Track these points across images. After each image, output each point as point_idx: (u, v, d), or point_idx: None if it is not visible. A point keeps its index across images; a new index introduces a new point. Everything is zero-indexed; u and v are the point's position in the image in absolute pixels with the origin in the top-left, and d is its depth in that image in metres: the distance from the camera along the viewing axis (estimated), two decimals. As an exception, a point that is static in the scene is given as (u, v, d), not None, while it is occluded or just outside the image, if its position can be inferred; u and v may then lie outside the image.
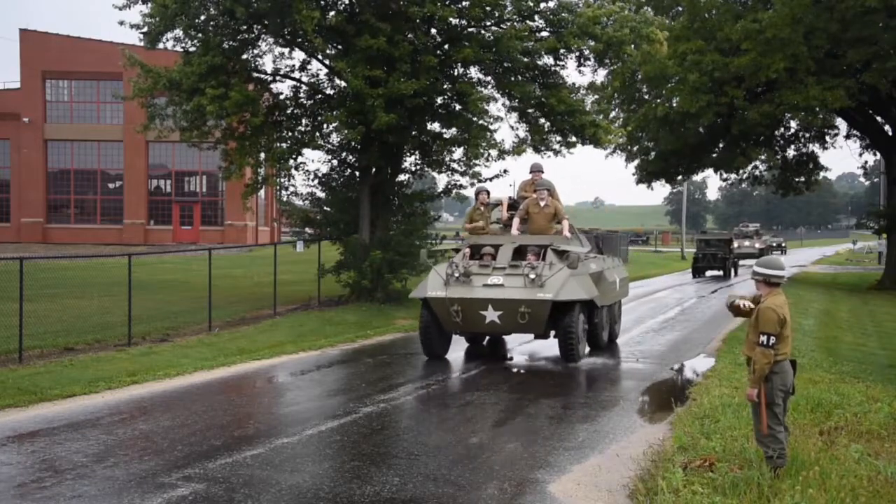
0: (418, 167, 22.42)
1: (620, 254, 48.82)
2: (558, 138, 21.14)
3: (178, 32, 19.43)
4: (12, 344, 11.93)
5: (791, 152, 38.24)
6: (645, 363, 12.80)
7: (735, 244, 42.31)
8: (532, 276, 11.79)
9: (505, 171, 22.72)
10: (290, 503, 5.97)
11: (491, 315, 11.89)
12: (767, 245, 53.04)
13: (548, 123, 20.79)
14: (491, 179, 21.68)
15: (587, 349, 13.19)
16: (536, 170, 14.18)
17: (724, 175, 40.04)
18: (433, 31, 19.85)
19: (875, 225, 35.89)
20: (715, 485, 6.07)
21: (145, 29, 19.31)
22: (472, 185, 21.94)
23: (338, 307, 19.15)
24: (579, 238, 13.89)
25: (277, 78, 21.23)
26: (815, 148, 38.00)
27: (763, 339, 6.13)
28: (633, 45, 19.30)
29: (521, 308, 11.72)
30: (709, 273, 38.11)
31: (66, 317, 15.40)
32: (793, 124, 35.85)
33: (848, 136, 37.93)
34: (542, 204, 13.33)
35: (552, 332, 12.51)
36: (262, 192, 35.98)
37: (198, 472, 6.63)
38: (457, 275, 12.07)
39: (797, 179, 39.27)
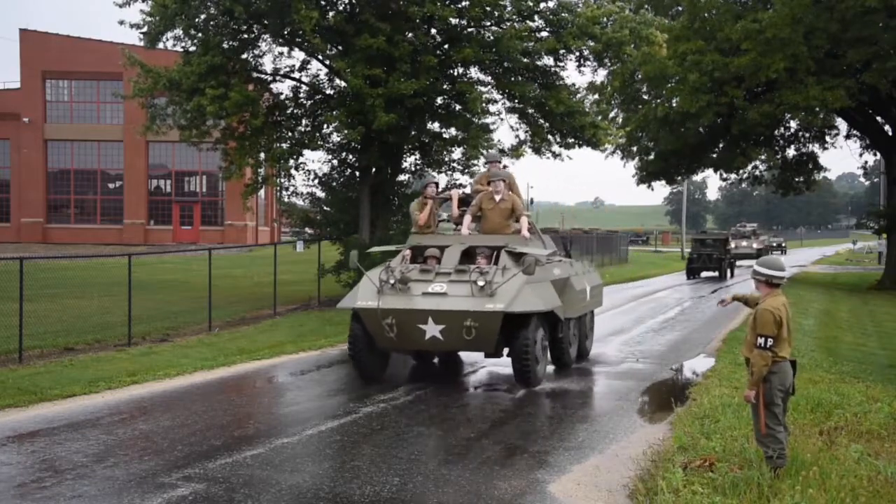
0: (418, 167, 22.43)
1: (620, 253, 48.99)
2: (558, 139, 21.16)
3: (178, 32, 19.46)
4: (12, 344, 11.93)
5: (791, 152, 38.26)
6: (645, 363, 12.80)
7: (732, 244, 41.87)
8: (481, 282, 9.94)
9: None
10: (290, 503, 5.97)
11: (432, 330, 9.97)
12: (766, 245, 52.11)
13: (547, 124, 20.81)
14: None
15: (548, 369, 11.24)
16: (493, 160, 12.45)
17: (724, 175, 40.04)
18: (433, 31, 19.86)
19: (875, 225, 35.91)
20: (715, 485, 6.07)
21: (145, 28, 19.33)
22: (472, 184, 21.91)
23: (338, 307, 19.12)
24: (541, 238, 12.15)
25: (277, 78, 21.25)
26: (815, 148, 38.04)
27: (760, 340, 6.13)
28: (632, 46, 19.31)
29: (466, 321, 9.77)
30: (704, 274, 36.94)
31: (66, 317, 15.40)
32: (793, 124, 35.87)
33: (848, 136, 37.97)
34: (497, 198, 11.36)
35: (506, 350, 10.64)
36: (262, 192, 36.01)
37: (198, 472, 6.63)
38: (392, 281, 10.20)
39: (797, 179, 39.28)
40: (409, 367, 12.23)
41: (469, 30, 19.51)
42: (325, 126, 20.84)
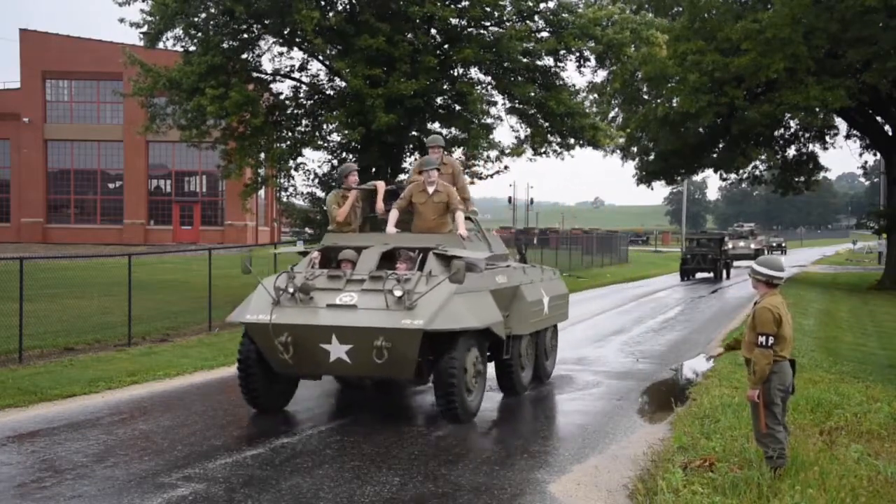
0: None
1: (620, 253, 48.96)
2: (558, 139, 21.18)
3: (178, 32, 19.47)
4: (12, 344, 11.93)
5: (791, 152, 38.27)
6: (645, 363, 12.79)
7: (729, 245, 41.51)
8: (398, 292, 7.99)
9: (506, 168, 22.64)
10: (290, 503, 5.97)
11: (336, 350, 8.05)
12: (763, 246, 51.15)
13: (547, 125, 20.82)
14: (491, 176, 21.71)
15: (479, 399, 8.72)
16: (433, 144, 10.23)
17: (724, 175, 40.04)
18: (433, 31, 19.86)
19: (875, 225, 35.93)
20: (715, 485, 6.07)
21: (145, 28, 19.34)
22: (472, 184, 21.90)
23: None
24: (486, 239, 10.28)
25: (277, 78, 21.26)
26: (815, 148, 38.05)
27: (761, 339, 6.13)
28: (633, 47, 19.32)
29: (377, 341, 7.80)
30: (699, 275, 35.41)
31: (66, 317, 15.40)
32: (793, 124, 35.87)
33: (848, 136, 37.97)
34: (430, 190, 9.53)
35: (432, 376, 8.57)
36: (261, 192, 36.01)
37: (198, 472, 6.63)
38: (291, 290, 8.31)
39: (797, 179, 39.28)
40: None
41: (469, 30, 19.52)
42: (324, 126, 20.85)
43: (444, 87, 19.77)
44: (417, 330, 7.85)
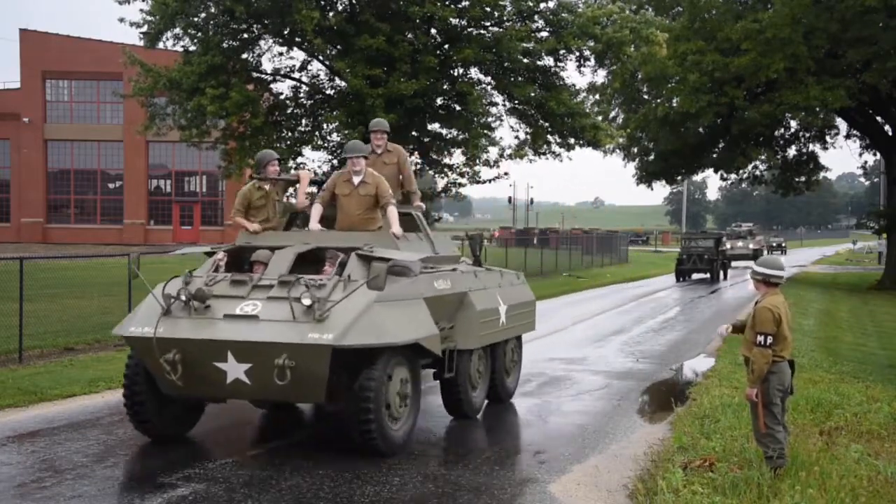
0: (418, 167, 22.46)
1: (620, 253, 48.95)
2: (558, 140, 21.20)
3: (178, 31, 19.49)
4: (12, 344, 11.93)
5: (791, 152, 38.27)
6: (645, 363, 12.79)
7: (728, 245, 41.20)
8: (306, 300, 6.64)
9: (505, 174, 22.75)
10: (290, 503, 5.97)
11: (234, 370, 6.74)
12: (762, 246, 50.31)
13: (547, 125, 20.84)
14: (490, 181, 21.75)
15: (407, 427, 7.29)
16: (375, 128, 9.01)
17: (724, 175, 40.04)
18: (433, 31, 19.88)
19: (875, 225, 35.95)
20: (715, 485, 6.08)
21: (145, 28, 19.36)
22: (473, 182, 21.91)
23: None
24: (428, 238, 8.78)
25: (277, 78, 21.27)
26: (815, 148, 38.07)
27: (760, 338, 6.14)
28: (632, 47, 19.33)
29: (279, 359, 6.48)
30: (695, 276, 34.16)
31: (66, 317, 15.38)
32: (793, 124, 35.89)
33: (848, 136, 37.99)
34: (356, 181, 8.12)
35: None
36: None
37: (198, 472, 6.63)
38: (185, 298, 6.95)
39: (797, 179, 39.28)
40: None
41: (469, 30, 19.53)
42: (324, 126, 20.87)
43: (445, 87, 19.80)
44: (326, 346, 6.48)
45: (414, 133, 20.45)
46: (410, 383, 7.34)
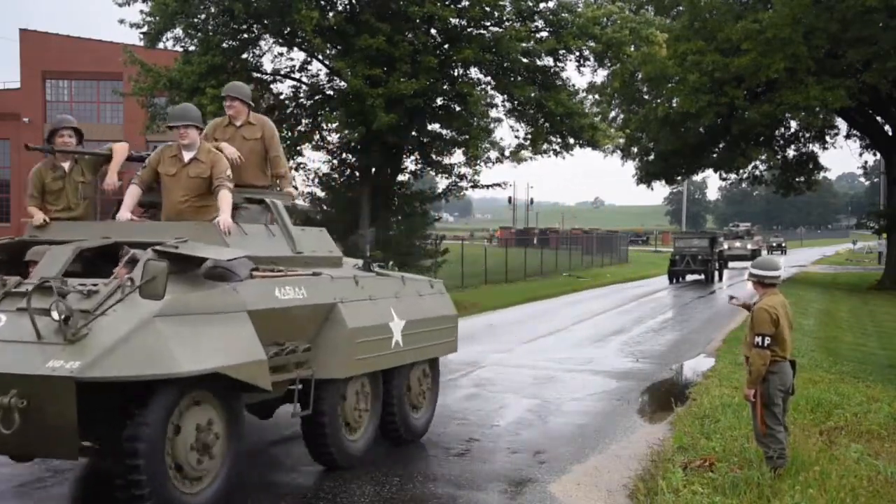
0: (419, 167, 22.49)
1: (620, 253, 48.96)
2: (558, 140, 21.22)
3: (178, 32, 19.51)
4: (12, 344, 11.90)
5: (791, 152, 38.28)
6: (645, 363, 12.80)
7: (725, 245, 40.77)
8: (56, 314, 4.78)
9: (504, 183, 22.85)
10: (291, 503, 5.97)
11: None
12: (760, 246, 49.47)
13: (547, 125, 20.86)
14: (489, 187, 21.83)
15: (212, 491, 5.45)
16: (230, 93, 7.23)
17: (724, 175, 40.05)
18: (433, 31, 19.90)
19: (875, 225, 35.96)
20: (715, 485, 6.08)
21: (145, 28, 19.38)
22: (472, 187, 21.93)
23: None
24: (288, 232, 6.70)
25: (277, 78, 21.28)
26: (815, 148, 38.07)
27: (758, 339, 6.15)
28: (632, 47, 19.35)
29: (8, 397, 4.63)
30: (689, 277, 32.92)
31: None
32: (793, 124, 35.90)
33: (848, 136, 38.00)
34: (185, 158, 6.39)
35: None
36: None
37: (198, 472, 6.62)
38: None
39: (797, 179, 39.29)
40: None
41: (469, 30, 19.55)
42: (324, 126, 20.88)
43: (445, 87, 19.80)
44: (66, 378, 4.59)
45: (414, 133, 20.45)
46: (221, 429, 5.39)
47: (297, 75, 21.15)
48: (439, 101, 20.35)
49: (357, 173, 21.27)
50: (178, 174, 6.39)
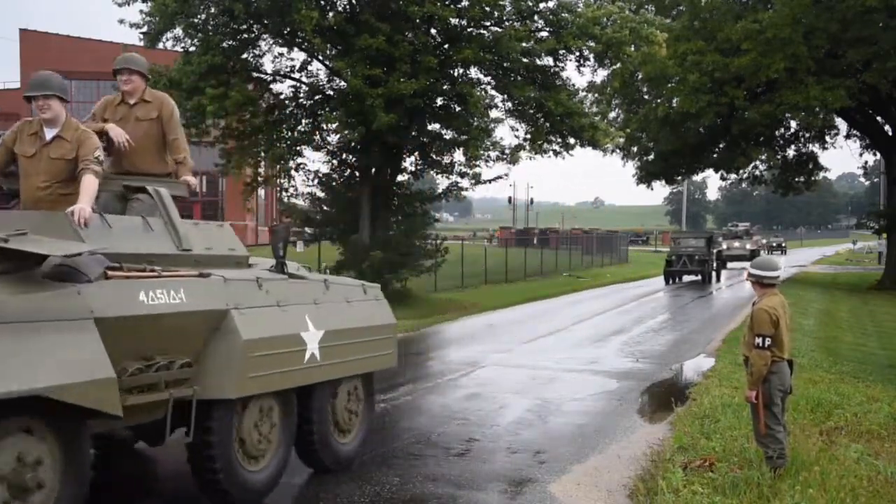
0: (419, 167, 22.48)
1: (620, 253, 48.92)
2: (557, 139, 21.23)
3: (178, 32, 19.50)
4: None
5: (791, 152, 38.29)
6: (645, 363, 12.80)
7: (724, 245, 40.54)
8: None
9: (506, 175, 22.83)
10: (291, 503, 5.97)
11: None
12: (760, 246, 48.91)
13: (547, 124, 20.86)
14: (491, 181, 21.83)
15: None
16: (122, 66, 6.53)
17: (725, 175, 40.05)
18: (433, 31, 19.89)
19: (875, 225, 35.97)
20: (715, 485, 6.08)
21: (145, 28, 19.37)
22: (475, 184, 21.92)
23: None
24: (172, 225, 5.66)
25: (277, 78, 21.27)
26: (815, 148, 38.08)
27: (758, 340, 6.15)
28: (632, 47, 19.35)
29: None
30: (686, 278, 32.28)
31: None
32: (793, 124, 35.90)
33: (848, 136, 38.01)
34: (46, 136, 5.41)
35: None
36: (261, 192, 36.04)
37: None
38: None
39: (797, 179, 39.30)
40: (409, 368, 11.87)
41: (469, 30, 19.55)
42: (324, 126, 20.87)
43: (445, 87, 19.80)
44: None
45: (414, 133, 20.44)
46: (58, 458, 4.32)
47: (296, 75, 21.14)
48: (439, 102, 20.35)
49: (357, 173, 21.26)
50: (38, 155, 5.36)
